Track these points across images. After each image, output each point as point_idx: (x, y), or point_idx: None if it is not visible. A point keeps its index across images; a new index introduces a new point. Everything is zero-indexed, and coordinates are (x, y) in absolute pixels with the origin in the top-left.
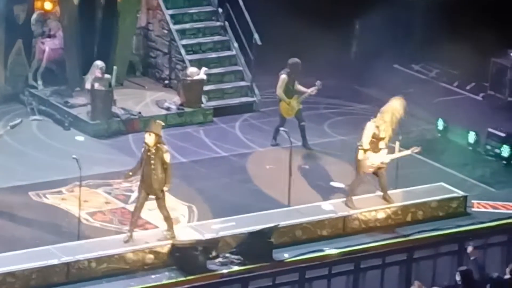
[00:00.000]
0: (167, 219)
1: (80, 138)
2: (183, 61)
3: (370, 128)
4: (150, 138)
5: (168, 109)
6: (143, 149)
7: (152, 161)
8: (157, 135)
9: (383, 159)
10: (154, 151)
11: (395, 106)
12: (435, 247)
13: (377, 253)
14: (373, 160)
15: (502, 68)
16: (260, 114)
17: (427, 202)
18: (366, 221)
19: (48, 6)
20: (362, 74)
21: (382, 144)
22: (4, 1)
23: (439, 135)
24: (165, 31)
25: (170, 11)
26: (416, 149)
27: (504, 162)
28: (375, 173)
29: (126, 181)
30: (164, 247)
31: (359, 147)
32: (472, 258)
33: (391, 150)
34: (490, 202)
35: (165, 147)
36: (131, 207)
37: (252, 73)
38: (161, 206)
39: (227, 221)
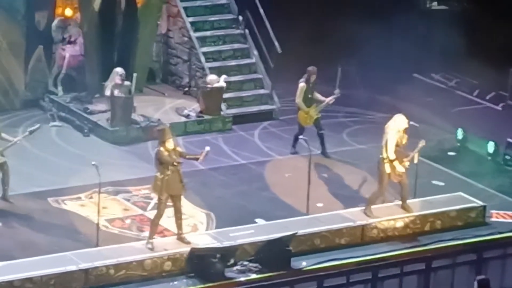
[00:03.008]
0: (181, 221)
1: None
2: (203, 68)
3: (393, 137)
4: (173, 142)
5: (187, 116)
6: (167, 158)
7: (177, 161)
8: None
9: (406, 166)
10: (174, 151)
11: (397, 123)
12: (453, 257)
13: (395, 262)
14: (399, 169)
15: None
16: (279, 122)
17: (446, 212)
18: (385, 230)
19: (68, 12)
20: (381, 83)
21: (403, 151)
22: (25, 8)
23: (458, 144)
24: (185, 39)
25: (191, 19)
26: (422, 143)
27: None
28: (399, 182)
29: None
30: (183, 254)
31: (384, 160)
32: None
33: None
34: (509, 212)
35: None
36: (150, 214)
37: (272, 81)
38: (180, 206)
39: (245, 229)
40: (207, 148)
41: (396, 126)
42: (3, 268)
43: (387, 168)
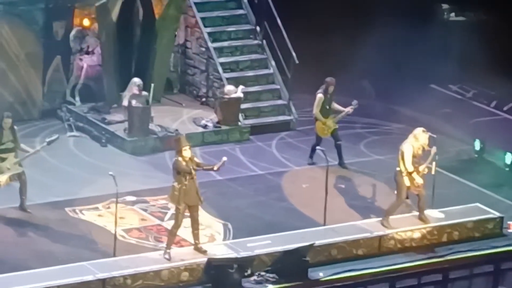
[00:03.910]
0: (198, 232)
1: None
2: (220, 79)
3: (409, 150)
4: (190, 151)
5: (205, 126)
6: (185, 167)
7: (194, 171)
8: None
9: (424, 172)
10: (191, 161)
11: (417, 137)
12: (470, 268)
13: (412, 273)
14: (418, 180)
15: None
16: (296, 133)
17: (463, 223)
18: (402, 241)
19: (86, 22)
20: (399, 94)
21: (419, 161)
22: (43, 18)
23: (476, 155)
24: (203, 49)
25: (208, 29)
26: (434, 150)
27: None
28: (417, 193)
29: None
30: (200, 265)
31: (402, 173)
32: None
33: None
34: None
35: None
36: (167, 224)
37: (289, 92)
38: (197, 216)
39: (262, 239)
40: (224, 159)
41: (417, 141)
42: (20, 278)
43: (407, 181)
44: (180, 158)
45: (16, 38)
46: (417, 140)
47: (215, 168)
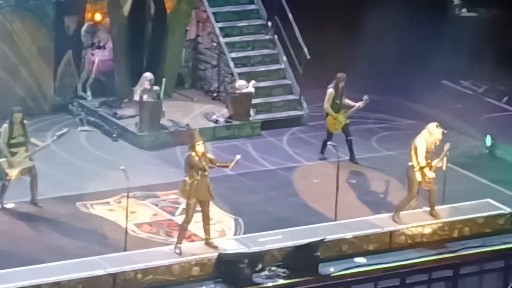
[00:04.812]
0: (209, 227)
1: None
2: (231, 74)
3: (423, 144)
4: (203, 146)
5: (216, 121)
6: (198, 162)
7: (207, 167)
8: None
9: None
10: (204, 157)
11: (431, 132)
12: (481, 264)
13: (423, 269)
14: (430, 175)
15: None
16: (308, 128)
17: (474, 218)
18: (413, 236)
19: (98, 17)
20: (410, 89)
21: (431, 157)
22: (54, 13)
23: (487, 151)
24: (214, 44)
25: (220, 24)
26: (447, 147)
27: None
28: (428, 188)
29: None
30: (210, 259)
31: (414, 168)
32: None
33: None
34: None
35: None
36: (178, 219)
37: (301, 87)
38: (209, 212)
39: (273, 235)
40: (238, 157)
41: (431, 136)
42: (31, 272)
43: (418, 176)
44: (193, 153)
45: (28, 32)
46: (431, 134)
47: (230, 167)
